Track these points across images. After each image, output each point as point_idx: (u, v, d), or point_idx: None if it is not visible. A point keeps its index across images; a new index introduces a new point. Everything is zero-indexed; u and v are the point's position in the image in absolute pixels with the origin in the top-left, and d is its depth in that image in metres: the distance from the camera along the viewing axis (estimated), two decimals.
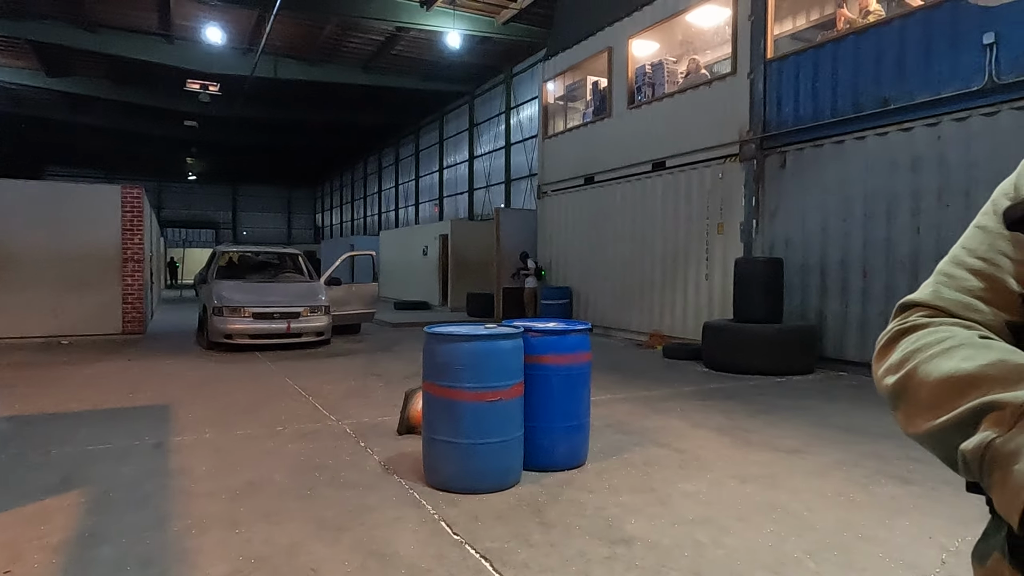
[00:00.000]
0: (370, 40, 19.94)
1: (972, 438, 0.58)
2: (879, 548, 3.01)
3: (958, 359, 0.64)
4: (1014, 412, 0.56)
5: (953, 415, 0.60)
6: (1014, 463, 0.54)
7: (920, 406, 0.65)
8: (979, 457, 0.58)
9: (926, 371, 0.66)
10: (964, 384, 0.61)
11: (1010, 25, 6.19)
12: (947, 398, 0.62)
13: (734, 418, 5.53)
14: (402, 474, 4.02)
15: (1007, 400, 0.57)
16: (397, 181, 32.74)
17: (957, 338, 0.67)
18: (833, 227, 7.90)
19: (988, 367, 0.60)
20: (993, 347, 0.65)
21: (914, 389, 0.66)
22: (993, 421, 0.57)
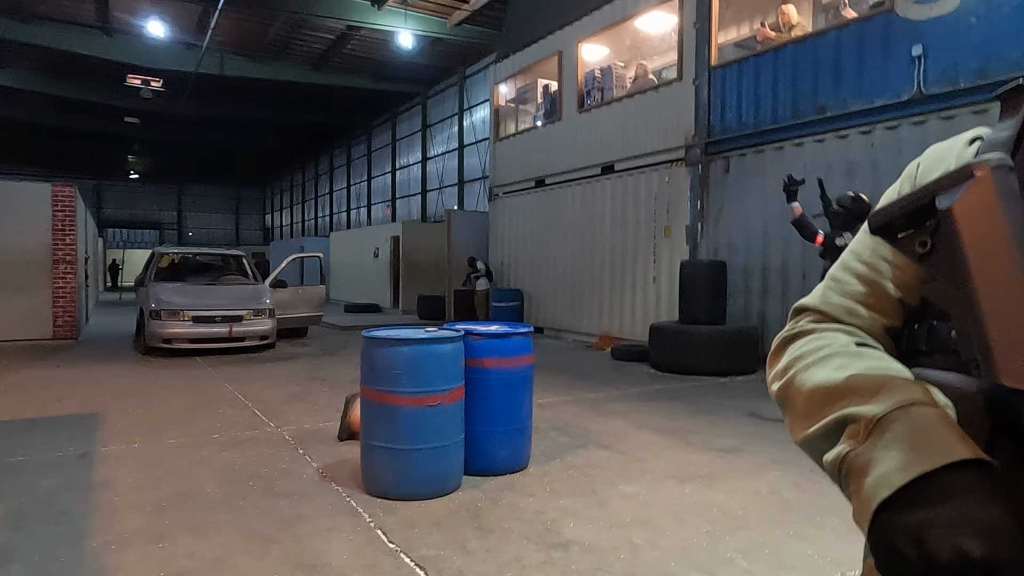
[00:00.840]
0: (320, 38, 19.61)
1: (832, 449, 0.59)
2: (809, 546, 3.08)
3: (830, 369, 0.65)
4: (867, 426, 0.57)
5: (820, 425, 0.62)
6: (865, 476, 0.54)
7: (797, 414, 0.67)
8: (837, 468, 0.58)
9: (802, 380, 0.68)
10: (831, 395, 0.62)
11: (936, 38, 6.46)
12: (816, 408, 0.63)
13: (676, 419, 5.60)
14: (340, 482, 3.93)
15: (862, 413, 0.58)
16: (349, 182, 32.28)
17: (834, 346, 0.69)
18: (774, 231, 8.10)
19: (853, 378, 0.61)
20: (864, 356, 0.66)
21: (792, 397, 0.69)
22: (850, 434, 0.58)
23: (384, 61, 20.85)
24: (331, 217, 34.83)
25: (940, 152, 0.75)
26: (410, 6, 16.91)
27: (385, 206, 27.90)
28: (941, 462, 0.50)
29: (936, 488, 0.50)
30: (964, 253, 0.54)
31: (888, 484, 0.52)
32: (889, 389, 0.58)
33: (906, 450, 0.53)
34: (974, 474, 0.50)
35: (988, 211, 0.54)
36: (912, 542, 0.49)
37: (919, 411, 0.55)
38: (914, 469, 0.51)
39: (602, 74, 11.32)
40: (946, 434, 0.53)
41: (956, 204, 0.55)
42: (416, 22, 17.52)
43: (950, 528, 0.47)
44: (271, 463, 4.30)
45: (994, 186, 0.54)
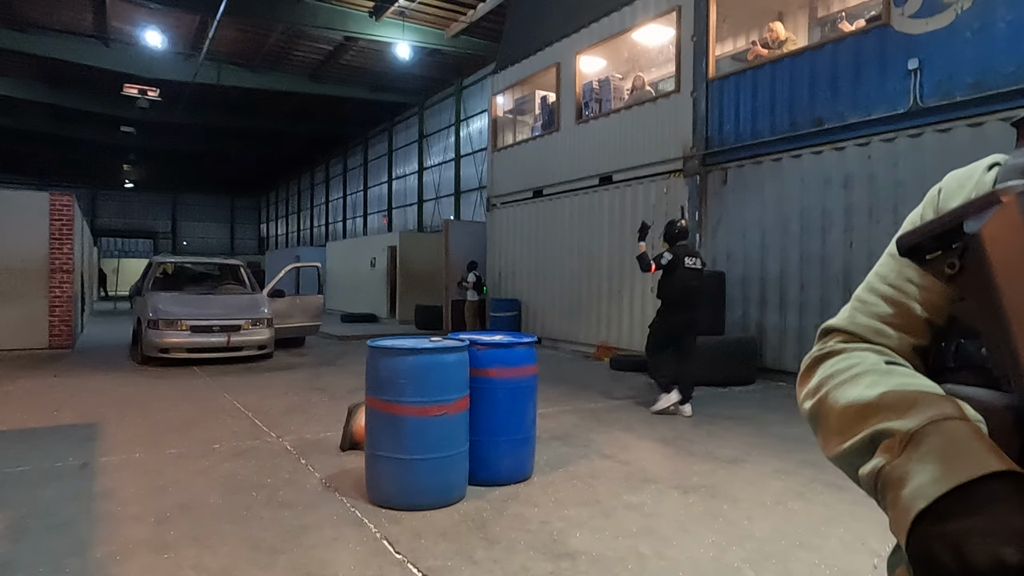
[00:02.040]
0: (318, 49, 19.68)
1: (868, 463, 0.61)
2: (814, 555, 3.08)
3: (862, 387, 0.67)
4: (902, 440, 0.59)
5: (854, 441, 0.64)
6: (901, 488, 0.56)
7: (831, 431, 0.69)
8: (873, 481, 0.60)
9: (835, 398, 0.70)
10: (864, 412, 0.64)
11: (932, 52, 6.54)
12: (850, 424, 0.65)
13: (677, 429, 5.61)
14: (344, 492, 3.92)
15: (896, 428, 0.60)
16: (345, 192, 32.29)
17: (864, 364, 0.71)
18: (772, 241, 8.15)
19: (885, 395, 0.64)
20: (895, 373, 0.68)
21: (825, 415, 0.70)
22: (885, 448, 0.60)
23: (381, 72, 20.93)
24: (327, 227, 34.81)
25: (960, 178, 0.78)
26: (408, 17, 17.01)
27: (382, 216, 27.92)
28: (976, 474, 0.52)
29: (972, 499, 0.51)
30: (993, 274, 0.57)
31: (925, 496, 0.53)
32: (922, 405, 0.60)
33: (941, 463, 0.54)
34: (1008, 485, 0.52)
35: (1015, 234, 0.57)
36: (950, 551, 0.50)
37: (952, 425, 0.57)
38: (950, 481, 0.53)
39: (600, 86, 11.39)
40: (979, 447, 0.55)
41: (984, 228, 0.58)
42: (414, 33, 17.61)
43: (987, 537, 0.49)
44: (274, 473, 4.28)
45: (1020, 211, 0.57)
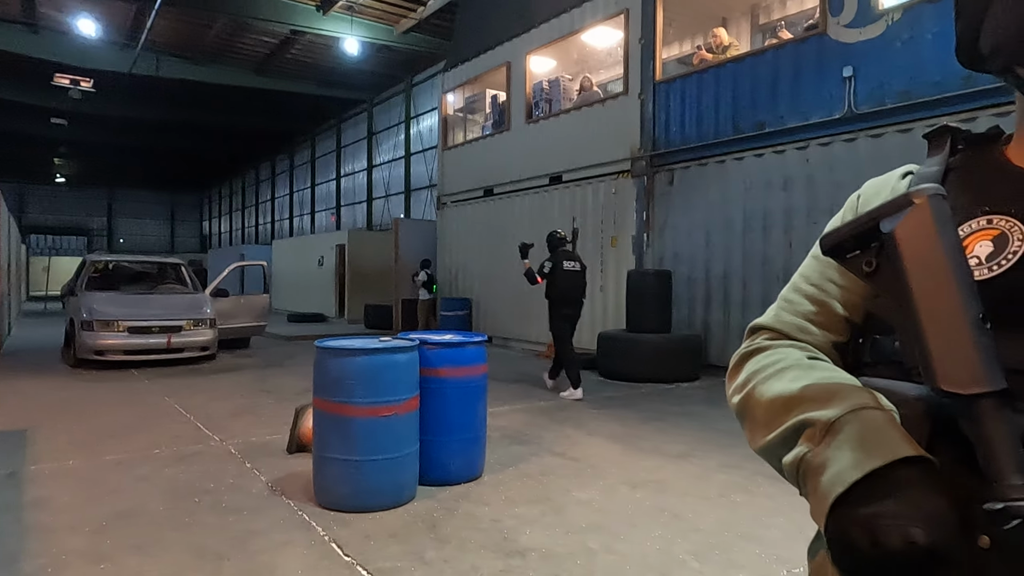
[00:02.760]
0: (263, 42, 19.20)
1: (791, 452, 0.64)
2: (757, 546, 3.19)
3: (787, 380, 0.70)
4: (822, 429, 0.62)
5: (779, 432, 0.67)
6: (821, 475, 0.59)
7: (757, 423, 0.72)
8: (796, 469, 0.64)
9: (761, 392, 0.73)
10: (788, 404, 0.67)
11: (865, 61, 6.84)
12: (775, 416, 0.68)
13: (627, 425, 5.71)
14: (291, 495, 3.85)
15: (817, 418, 0.63)
16: (292, 189, 31.60)
17: (788, 360, 0.74)
18: (716, 241, 8.37)
19: (808, 388, 0.67)
20: (817, 368, 0.72)
21: (752, 408, 0.73)
22: (807, 437, 0.63)
23: (329, 67, 20.57)
24: (273, 224, 34.01)
25: (877, 185, 0.83)
26: (356, 12, 16.76)
27: (330, 214, 27.45)
28: (888, 459, 0.55)
29: (884, 484, 0.55)
30: (905, 271, 0.60)
31: (842, 481, 0.56)
32: (841, 396, 0.63)
33: (857, 450, 0.57)
34: (917, 470, 0.55)
35: (926, 234, 0.60)
36: (864, 533, 0.53)
37: (868, 414, 0.60)
38: (865, 466, 0.56)
39: (550, 86, 11.48)
40: (892, 435, 0.58)
41: (898, 228, 0.62)
42: (362, 28, 17.37)
43: (897, 519, 0.52)
44: (218, 478, 4.17)
45: (931, 212, 0.61)
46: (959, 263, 0.59)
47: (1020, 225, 0.65)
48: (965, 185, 0.72)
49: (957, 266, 0.59)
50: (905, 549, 0.52)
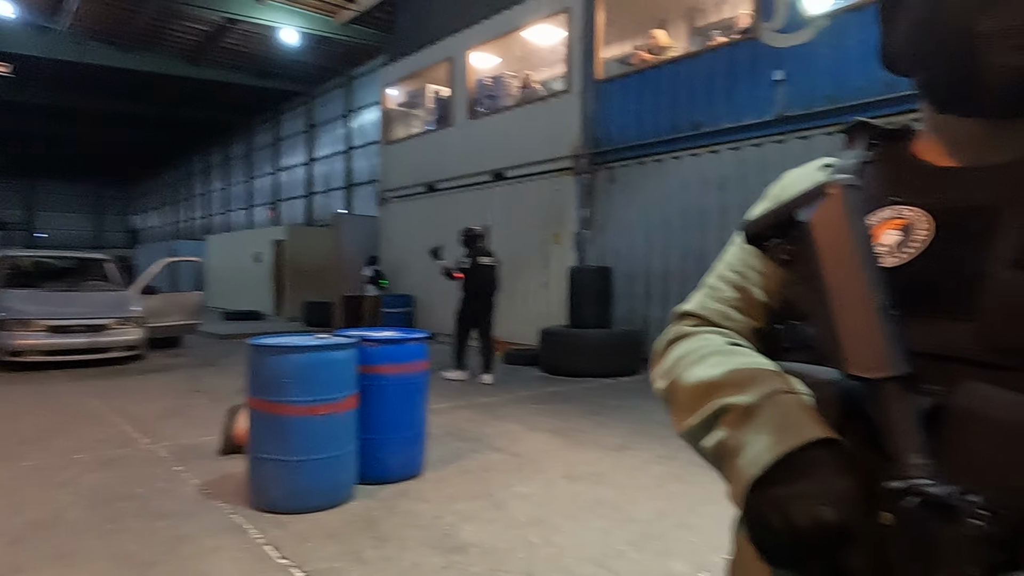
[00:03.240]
0: (196, 29, 18.46)
1: (710, 436, 0.66)
2: (691, 534, 3.28)
3: (708, 366, 0.72)
4: (740, 413, 0.64)
5: (699, 417, 0.69)
6: (738, 458, 0.61)
7: (680, 408, 0.73)
8: (715, 453, 0.65)
9: (684, 378, 0.74)
10: (709, 389, 0.69)
11: (795, 65, 7.10)
12: (697, 401, 0.70)
13: (568, 420, 5.78)
14: (224, 498, 3.73)
15: (735, 403, 0.65)
16: (228, 182, 30.58)
17: (710, 346, 0.76)
18: (655, 239, 8.55)
19: (728, 374, 0.68)
20: (737, 353, 0.74)
21: (675, 393, 0.75)
22: (726, 421, 0.65)
23: (267, 57, 19.96)
24: (207, 219, 32.84)
25: (796, 176, 0.86)
26: (295, 2, 16.33)
27: (267, 208, 26.68)
28: (800, 442, 0.58)
29: (796, 465, 0.57)
30: (818, 260, 0.63)
31: (757, 464, 0.59)
32: (758, 381, 0.65)
33: (772, 433, 0.60)
34: (827, 451, 0.57)
35: (838, 223, 0.63)
36: (778, 513, 0.56)
37: (783, 398, 0.62)
38: (778, 449, 0.58)
39: (492, 82, 11.48)
40: (805, 418, 0.60)
41: (812, 217, 0.64)
42: (301, 19, 16.92)
43: (807, 499, 0.55)
44: (146, 482, 4.01)
45: (843, 202, 0.63)
46: (867, 252, 0.62)
47: (927, 216, 0.68)
48: (878, 177, 0.75)
49: (865, 255, 0.61)
50: (814, 527, 0.54)
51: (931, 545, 0.51)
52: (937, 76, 0.68)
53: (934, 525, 0.51)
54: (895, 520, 0.53)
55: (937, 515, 0.51)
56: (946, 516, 0.50)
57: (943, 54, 0.66)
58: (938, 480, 0.52)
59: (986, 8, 0.60)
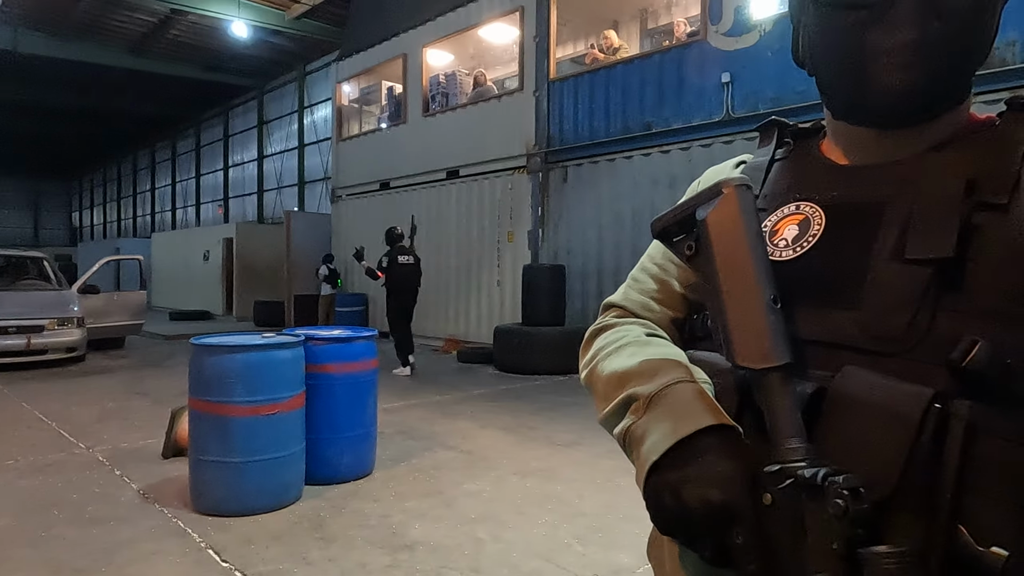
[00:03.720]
0: (139, 20, 17.85)
1: (619, 423, 0.69)
2: (637, 526, 3.34)
3: (624, 357, 0.75)
4: (644, 402, 0.67)
5: (613, 405, 0.72)
6: (641, 444, 0.65)
7: (599, 397, 0.76)
8: (623, 439, 0.68)
9: (603, 367, 0.77)
10: (622, 379, 0.72)
11: (741, 68, 7.29)
12: (612, 390, 0.73)
13: (519, 417, 5.81)
14: (165, 502, 3.63)
15: (641, 392, 0.68)
16: (174, 179, 29.69)
17: (629, 337, 0.79)
18: (607, 237, 8.65)
19: (638, 364, 0.72)
20: (652, 344, 0.77)
21: (595, 383, 0.78)
22: (633, 410, 0.68)
23: (215, 50, 19.46)
24: (153, 216, 31.83)
25: (715, 173, 0.89)
26: None
27: (216, 206, 26.02)
28: (694, 428, 0.61)
29: (689, 451, 0.60)
30: (713, 255, 0.66)
31: (656, 450, 0.62)
32: (663, 371, 0.68)
33: (671, 420, 0.63)
34: (718, 437, 0.61)
35: (731, 222, 0.66)
36: (672, 496, 0.59)
37: (682, 387, 0.66)
38: (675, 435, 0.61)
39: (447, 79, 11.43)
40: (701, 406, 0.63)
41: (709, 215, 0.67)
42: (251, 12, 16.55)
43: (698, 482, 0.58)
44: (82, 488, 3.87)
45: (737, 201, 0.66)
46: (758, 248, 0.65)
47: (820, 211, 0.71)
48: (785, 174, 0.79)
49: (756, 251, 0.64)
50: (703, 508, 0.58)
51: (801, 522, 0.55)
52: (831, 87, 0.72)
53: (804, 504, 0.54)
54: (773, 500, 0.56)
55: (806, 495, 0.54)
56: (814, 496, 0.54)
57: (835, 67, 0.70)
58: (810, 462, 0.56)
59: (872, 27, 0.64)
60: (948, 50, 0.63)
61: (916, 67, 0.63)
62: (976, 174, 0.61)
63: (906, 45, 0.63)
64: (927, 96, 0.65)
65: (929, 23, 0.62)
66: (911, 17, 0.62)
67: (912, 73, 0.63)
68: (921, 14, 0.62)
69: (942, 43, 0.63)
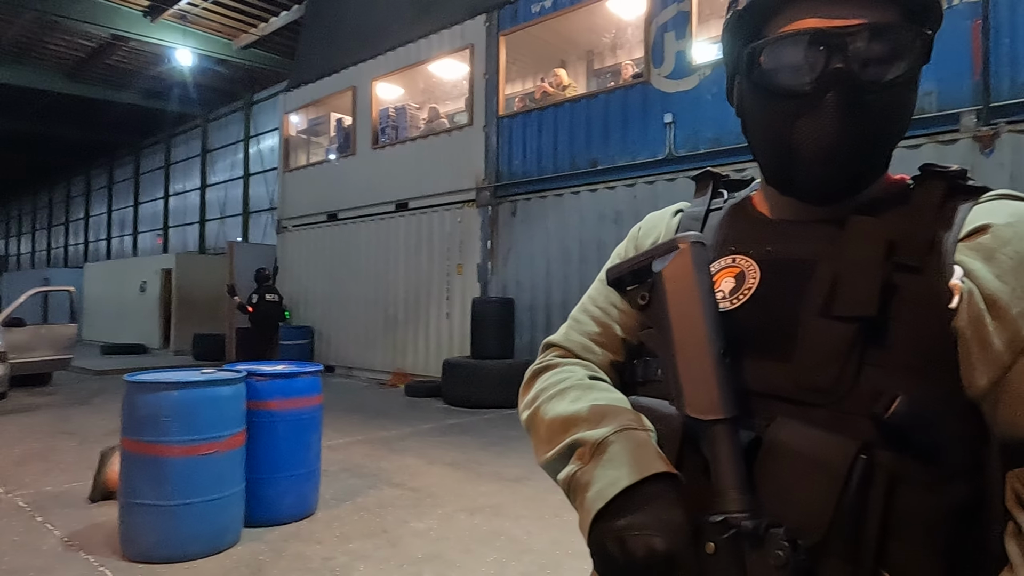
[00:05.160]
0: (78, 44, 17.36)
1: (564, 469, 0.70)
2: (586, 563, 3.29)
3: (567, 400, 0.76)
4: (590, 449, 0.68)
5: (557, 450, 0.72)
6: (587, 491, 0.66)
7: (541, 440, 0.77)
8: (567, 485, 0.69)
9: (545, 410, 0.78)
10: (566, 424, 0.73)
11: (682, 109, 7.57)
12: (554, 435, 0.74)
13: (468, 452, 5.74)
14: (91, 549, 3.43)
15: (587, 438, 0.69)
16: (111, 207, 28.61)
17: (571, 379, 0.80)
18: (555, 270, 8.75)
19: (584, 409, 0.73)
20: (595, 388, 0.78)
21: (537, 425, 0.79)
22: (578, 456, 0.70)
23: (158, 77, 19.04)
24: (86, 245, 30.53)
25: (654, 220, 0.93)
26: (190, 23, 15.74)
27: (156, 235, 25.17)
28: (640, 476, 0.63)
29: (635, 499, 0.62)
30: (667, 308, 0.69)
31: (602, 497, 0.63)
32: (609, 417, 0.70)
33: (617, 468, 0.64)
34: (663, 485, 0.63)
35: (685, 276, 0.69)
36: (616, 543, 0.61)
37: (629, 435, 0.67)
38: (621, 484, 0.63)
39: (396, 113, 11.48)
40: (647, 454, 0.65)
41: (665, 269, 0.70)
42: (197, 40, 16.32)
43: (643, 530, 0.60)
44: None
45: (691, 257, 0.70)
46: (709, 304, 0.68)
47: (756, 265, 0.75)
48: (721, 226, 0.82)
49: (707, 307, 0.67)
50: (647, 556, 0.59)
51: (743, 571, 0.57)
52: (763, 159, 0.77)
53: (745, 554, 0.57)
54: (716, 549, 0.58)
55: (748, 545, 0.57)
56: (755, 546, 0.56)
57: (767, 146, 0.74)
58: (752, 514, 0.58)
59: (802, 117, 0.68)
60: (873, 139, 0.68)
61: (841, 156, 0.67)
62: (894, 237, 0.65)
63: (832, 136, 0.66)
64: (851, 180, 0.70)
65: (854, 116, 0.66)
66: (838, 111, 0.66)
67: (837, 161, 0.67)
68: (846, 108, 0.66)
69: (866, 134, 0.67)
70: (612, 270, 0.79)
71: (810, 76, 0.67)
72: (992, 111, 5.56)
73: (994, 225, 0.63)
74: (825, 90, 0.66)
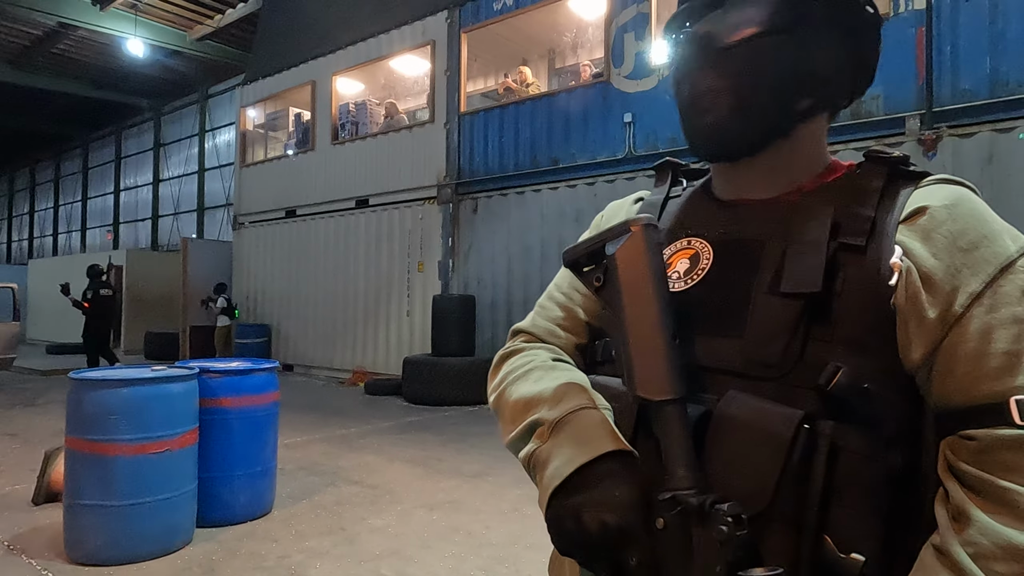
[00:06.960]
0: (20, 31, 16.69)
1: (525, 448, 0.72)
2: (543, 555, 3.32)
3: (530, 382, 0.78)
4: (548, 427, 0.71)
5: (519, 429, 0.75)
6: (545, 469, 0.68)
7: (505, 421, 0.79)
8: (528, 463, 0.71)
9: (509, 392, 0.80)
10: (528, 404, 0.76)
11: (642, 109, 7.68)
12: (518, 415, 0.76)
13: (427, 449, 5.73)
14: (34, 553, 3.32)
15: (546, 418, 0.71)
16: (57, 201, 27.61)
17: (535, 362, 0.82)
18: (516, 268, 8.78)
19: (545, 390, 0.75)
20: (557, 369, 0.80)
21: (502, 407, 0.81)
22: (537, 435, 0.72)
23: (108, 67, 18.44)
24: (31, 242, 29.41)
25: (616, 208, 0.95)
26: (142, 12, 15.28)
27: (105, 231, 24.38)
28: (595, 454, 0.65)
29: (590, 476, 0.64)
30: (620, 290, 0.70)
31: (559, 475, 0.65)
32: (568, 397, 0.72)
33: (573, 446, 0.66)
34: (617, 463, 0.65)
35: (638, 258, 0.70)
36: (572, 519, 0.63)
37: (585, 414, 0.69)
38: (577, 461, 0.65)
39: (356, 108, 11.34)
40: (602, 432, 0.67)
41: (618, 251, 0.71)
42: (149, 30, 15.85)
43: (596, 507, 0.62)
44: None
45: (643, 239, 0.71)
46: (660, 285, 0.69)
47: (709, 246, 0.77)
48: (677, 211, 0.85)
49: (659, 288, 0.69)
50: (600, 531, 0.61)
51: (689, 547, 0.59)
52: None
53: (692, 529, 0.59)
54: (665, 525, 0.61)
55: (695, 520, 0.59)
56: (701, 522, 0.58)
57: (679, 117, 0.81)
58: (699, 491, 0.60)
59: (684, 79, 0.77)
60: (736, 89, 0.73)
61: (714, 111, 0.74)
62: (839, 218, 0.69)
63: (693, 86, 0.76)
64: (736, 133, 0.74)
65: (714, 69, 0.74)
66: (696, 63, 0.75)
67: (712, 116, 0.74)
68: (704, 62, 0.74)
69: (729, 86, 0.73)
70: (568, 252, 0.80)
71: (683, 42, 0.78)
72: (935, 115, 5.79)
73: (932, 207, 0.66)
74: (688, 51, 0.77)
